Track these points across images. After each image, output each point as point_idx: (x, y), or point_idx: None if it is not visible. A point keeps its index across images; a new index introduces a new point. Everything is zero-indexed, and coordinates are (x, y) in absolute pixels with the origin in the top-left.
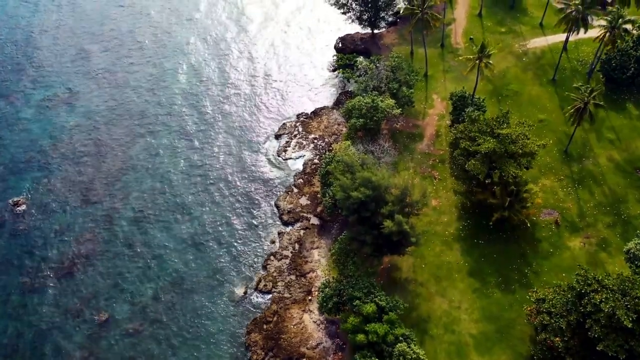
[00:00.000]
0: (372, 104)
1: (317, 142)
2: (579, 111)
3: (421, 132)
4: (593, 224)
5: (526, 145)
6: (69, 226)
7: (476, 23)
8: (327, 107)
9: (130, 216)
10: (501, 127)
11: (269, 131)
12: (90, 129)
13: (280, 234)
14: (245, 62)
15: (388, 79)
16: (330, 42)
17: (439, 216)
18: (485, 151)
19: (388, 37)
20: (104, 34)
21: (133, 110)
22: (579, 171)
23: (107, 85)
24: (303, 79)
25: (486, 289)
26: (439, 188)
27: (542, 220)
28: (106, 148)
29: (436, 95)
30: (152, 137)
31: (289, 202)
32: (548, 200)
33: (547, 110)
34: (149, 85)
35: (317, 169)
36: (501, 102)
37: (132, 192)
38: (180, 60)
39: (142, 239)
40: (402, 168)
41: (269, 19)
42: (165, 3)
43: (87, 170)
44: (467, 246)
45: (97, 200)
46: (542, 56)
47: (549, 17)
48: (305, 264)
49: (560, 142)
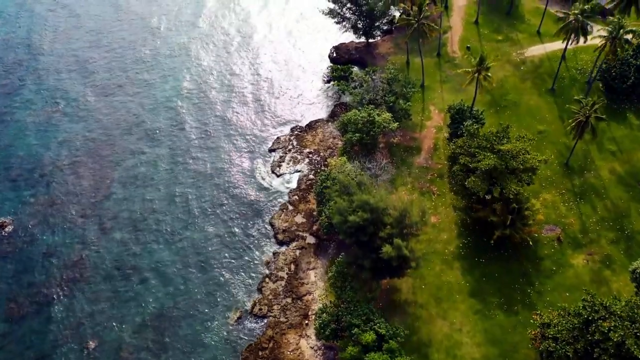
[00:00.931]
0: (369, 118)
1: (312, 156)
2: (580, 125)
3: (419, 145)
4: (596, 240)
5: (527, 160)
6: (57, 248)
7: (473, 31)
8: (321, 120)
9: (119, 237)
10: (501, 143)
11: (262, 146)
12: (79, 144)
13: (276, 254)
14: (238, 74)
15: (384, 91)
16: (324, 51)
17: (439, 233)
18: (485, 168)
19: (383, 46)
20: (97, 43)
21: (122, 127)
22: (581, 184)
23: (96, 99)
24: (297, 90)
25: (488, 311)
26: (438, 204)
27: (544, 236)
28: (95, 165)
29: (433, 106)
30: (141, 153)
31: (284, 220)
32: (550, 215)
33: (546, 121)
34: (138, 100)
35: (313, 185)
36: (500, 113)
37: (121, 211)
38: (172, 74)
39: (131, 261)
40: (399, 183)
41: (261, 30)
42: (158, 11)
43: (76, 188)
44: (467, 265)
45: (85, 221)
46: (540, 65)
47: (547, 24)
48: (302, 286)
49: (560, 154)
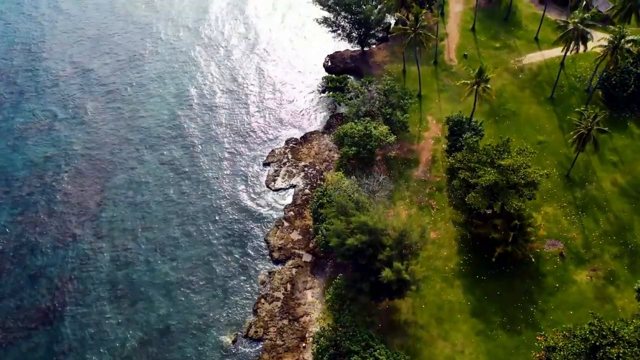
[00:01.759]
0: (365, 132)
1: (307, 170)
2: (582, 137)
3: (416, 158)
4: (599, 255)
5: (528, 174)
6: (46, 269)
7: (469, 38)
8: (317, 132)
9: (109, 256)
10: (502, 157)
11: (257, 159)
12: (67, 159)
13: (271, 274)
14: (231, 85)
15: (380, 102)
16: (319, 60)
17: (438, 250)
18: (486, 184)
19: (379, 55)
20: (86, 54)
21: (113, 139)
22: (582, 197)
23: (86, 112)
24: (291, 101)
25: (490, 331)
26: (437, 219)
27: (546, 252)
28: (85, 180)
29: (431, 116)
30: (132, 168)
31: (280, 237)
32: (551, 229)
33: (546, 131)
34: (130, 112)
35: (308, 200)
36: (499, 123)
37: (112, 229)
38: (163, 84)
39: (122, 281)
40: (397, 198)
41: (255, 39)
42: (152, 19)
43: (64, 206)
44: (468, 283)
45: (74, 240)
46: (538, 72)
47: (544, 30)
48: (298, 306)
49: (561, 165)
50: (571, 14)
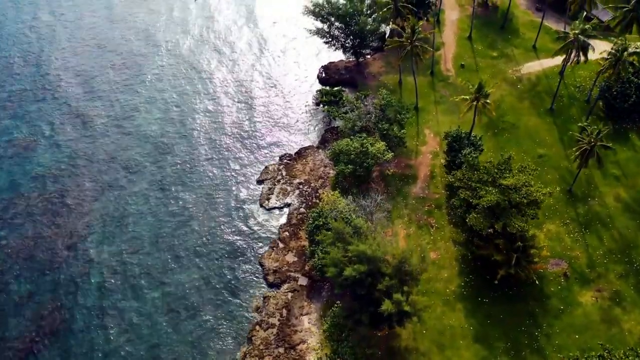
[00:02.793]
0: (361, 149)
1: (302, 187)
2: (585, 154)
3: (414, 173)
4: (604, 275)
5: (530, 193)
6: (30, 297)
7: (466, 47)
8: (311, 147)
9: (97, 282)
10: (503, 176)
11: (250, 176)
12: (54, 179)
13: (266, 299)
14: (220, 98)
15: (377, 117)
16: (313, 72)
17: (439, 271)
18: (487, 205)
19: (374, 65)
20: (72, 69)
21: (100, 157)
22: (585, 213)
23: (72, 128)
24: (285, 115)
25: (494, 357)
26: (437, 238)
27: (550, 272)
28: (71, 202)
29: (428, 130)
30: (120, 187)
31: (274, 259)
32: (554, 248)
33: (546, 144)
34: (118, 129)
35: (304, 219)
36: (498, 136)
37: (99, 253)
38: (151, 98)
39: (110, 308)
40: (395, 216)
41: (246, 51)
42: (136, 34)
43: (49, 229)
44: (470, 306)
45: (60, 265)
46: (537, 82)
47: (542, 38)
48: (295, 333)
49: (563, 180)
50: (571, 23)
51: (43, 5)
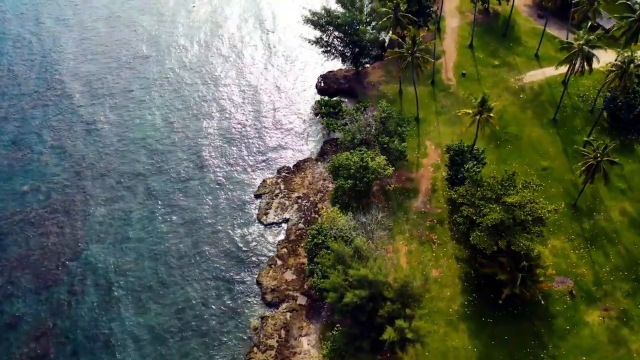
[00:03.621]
0: (361, 164)
1: (301, 201)
2: (591, 169)
3: (416, 187)
4: (611, 293)
5: (535, 210)
6: (21, 318)
7: (467, 56)
8: (310, 159)
9: (90, 301)
10: (507, 193)
11: (247, 191)
12: (47, 193)
13: (264, 319)
14: (217, 109)
15: (377, 130)
16: (311, 81)
17: (441, 290)
18: (491, 223)
19: (374, 74)
20: (66, 77)
21: (95, 169)
22: (591, 228)
23: (66, 140)
24: (283, 126)
25: None
26: (439, 254)
27: (555, 290)
28: (64, 218)
29: (429, 141)
30: (115, 202)
31: (273, 277)
32: (560, 265)
33: (550, 156)
34: (111, 140)
35: (303, 235)
36: (500, 148)
37: (92, 270)
38: (147, 112)
39: (103, 329)
40: (397, 232)
41: (244, 59)
42: (139, 41)
43: (43, 245)
44: (474, 326)
45: (53, 283)
46: (540, 92)
47: (545, 46)
48: (294, 355)
49: (567, 193)
50: (574, 30)
51: (40, 13)
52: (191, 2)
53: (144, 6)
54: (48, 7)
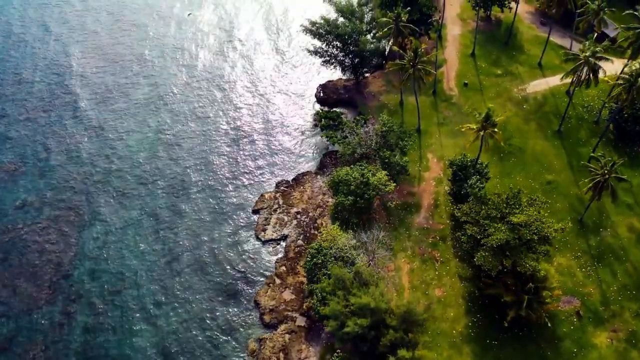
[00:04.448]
0: (362, 180)
1: (300, 217)
2: (599, 186)
3: (417, 202)
4: (619, 313)
5: (541, 229)
6: (13, 338)
7: (469, 64)
8: (309, 173)
9: (83, 322)
10: (513, 212)
11: (245, 206)
12: (40, 208)
13: (262, 341)
14: (215, 120)
15: (378, 144)
16: (311, 90)
17: (445, 310)
18: (496, 244)
19: (374, 84)
20: (57, 89)
21: (88, 184)
22: (597, 245)
23: (59, 153)
24: (281, 138)
25: None
26: (442, 273)
27: (562, 310)
28: (57, 234)
29: (431, 154)
30: (109, 217)
31: (271, 297)
32: (566, 283)
33: (555, 169)
34: (105, 153)
35: (302, 252)
36: (504, 161)
37: (86, 289)
38: (142, 123)
39: (97, 350)
40: (398, 249)
41: (242, 69)
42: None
43: (35, 263)
44: (479, 349)
45: (45, 303)
46: (544, 102)
47: (548, 55)
48: None
49: (572, 208)
50: (577, 37)
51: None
52: (187, 11)
53: (138, 16)
54: (46, 15)
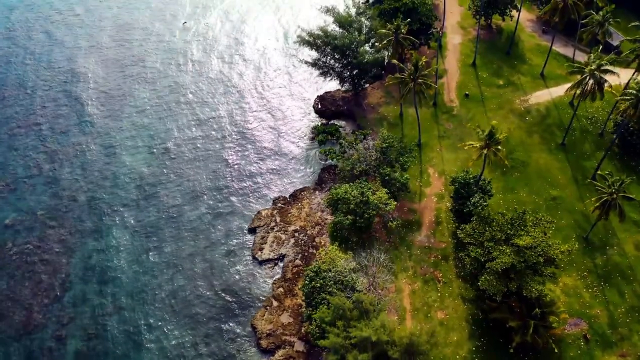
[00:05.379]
0: (362, 198)
1: (298, 235)
2: (606, 205)
3: (418, 219)
4: (627, 337)
5: (547, 250)
6: None
7: (470, 75)
8: (307, 188)
9: (74, 348)
10: (518, 234)
11: (241, 223)
12: (30, 227)
13: None
14: (210, 133)
15: (377, 160)
16: (308, 102)
17: (448, 334)
18: (502, 267)
19: (373, 95)
20: (52, 98)
21: (79, 202)
22: (604, 264)
23: (50, 168)
24: (278, 151)
25: None
26: (444, 294)
27: (568, 333)
28: (47, 254)
29: (432, 169)
30: (102, 237)
31: (268, 320)
32: (572, 305)
33: (559, 184)
34: (99, 167)
35: (300, 272)
36: (507, 176)
37: (79, 313)
38: (136, 137)
39: None
40: (399, 269)
41: (238, 80)
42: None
43: (26, 285)
44: None
45: (35, 328)
46: (547, 114)
47: (550, 64)
48: None
49: (578, 225)
50: (582, 47)
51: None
52: (182, 20)
53: (133, 22)
54: (48, 26)
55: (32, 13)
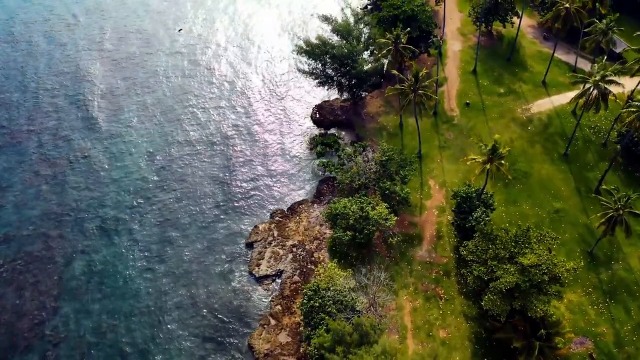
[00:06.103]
0: (361, 213)
1: (296, 250)
2: (612, 221)
3: (419, 233)
4: (634, 355)
5: (552, 269)
6: None
7: (471, 83)
8: (306, 201)
9: None
10: (522, 252)
11: (238, 239)
12: (20, 243)
13: None
14: (206, 144)
15: (377, 173)
16: (306, 111)
17: (450, 353)
18: (506, 287)
19: (372, 104)
20: (42, 107)
21: (72, 215)
22: (609, 280)
23: (40, 181)
24: (275, 163)
25: None
26: (446, 312)
27: (574, 353)
28: (38, 270)
29: (433, 180)
30: (94, 253)
31: (266, 339)
32: (577, 322)
33: (562, 196)
34: (92, 179)
35: (298, 289)
36: (509, 187)
37: (70, 332)
38: (131, 149)
39: None
40: (400, 286)
41: (235, 89)
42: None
43: (13, 303)
44: None
45: (25, 348)
46: (549, 123)
47: (552, 71)
48: None
49: (582, 239)
50: (581, 52)
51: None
52: (177, 26)
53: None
54: (46, 32)
55: (32, 19)
